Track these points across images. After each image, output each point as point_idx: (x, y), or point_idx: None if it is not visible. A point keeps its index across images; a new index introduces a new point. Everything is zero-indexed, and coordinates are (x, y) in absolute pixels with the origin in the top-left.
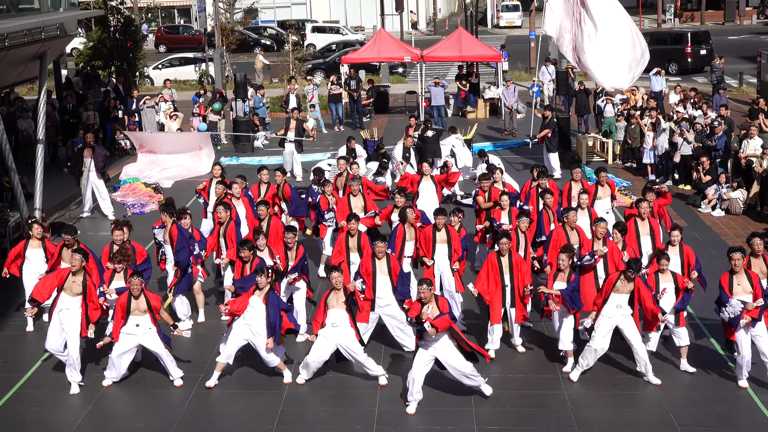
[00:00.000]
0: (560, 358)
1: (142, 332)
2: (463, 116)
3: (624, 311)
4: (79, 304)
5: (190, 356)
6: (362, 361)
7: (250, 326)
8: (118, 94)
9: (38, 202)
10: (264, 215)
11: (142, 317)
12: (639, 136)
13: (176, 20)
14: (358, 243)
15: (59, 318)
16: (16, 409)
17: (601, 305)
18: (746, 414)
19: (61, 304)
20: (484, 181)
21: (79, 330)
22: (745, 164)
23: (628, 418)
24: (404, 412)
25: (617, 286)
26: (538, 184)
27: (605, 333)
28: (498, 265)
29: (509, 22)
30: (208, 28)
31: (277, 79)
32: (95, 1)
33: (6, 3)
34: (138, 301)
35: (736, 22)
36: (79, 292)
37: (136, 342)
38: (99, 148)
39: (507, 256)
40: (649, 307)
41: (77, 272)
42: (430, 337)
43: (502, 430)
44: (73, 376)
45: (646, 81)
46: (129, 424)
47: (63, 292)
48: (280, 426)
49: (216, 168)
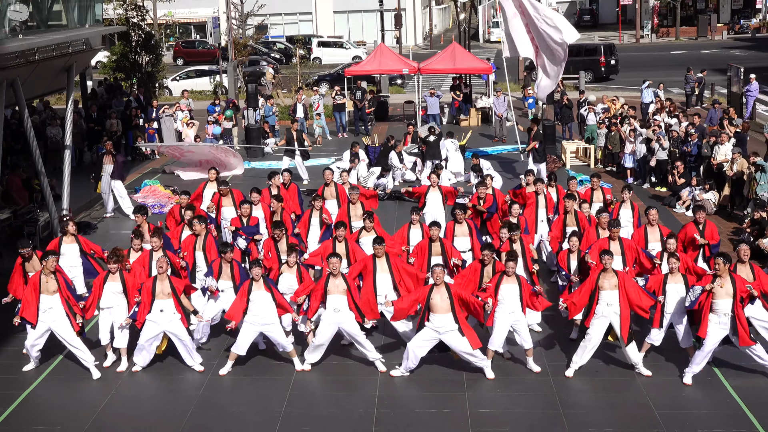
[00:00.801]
0: (546, 347)
1: (167, 320)
2: (456, 124)
3: (615, 308)
4: (59, 302)
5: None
6: (362, 342)
7: (257, 318)
8: (139, 104)
9: (65, 202)
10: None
11: (166, 301)
12: (619, 143)
13: (193, 36)
14: (346, 249)
15: (44, 318)
16: (43, 394)
17: (594, 306)
18: (717, 397)
19: (43, 305)
20: (481, 188)
21: (69, 324)
22: (716, 168)
23: (608, 401)
24: (402, 396)
25: (600, 283)
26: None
27: (599, 332)
28: (480, 275)
29: (499, 37)
30: (222, 42)
31: (285, 90)
32: (118, 18)
33: (36, 20)
34: (163, 284)
35: (708, 37)
36: (56, 289)
37: (161, 329)
38: (119, 156)
39: (491, 265)
40: (634, 302)
41: (48, 273)
42: (437, 320)
43: (492, 412)
44: (87, 362)
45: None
46: (149, 407)
47: (41, 294)
48: (289, 409)
49: (212, 172)
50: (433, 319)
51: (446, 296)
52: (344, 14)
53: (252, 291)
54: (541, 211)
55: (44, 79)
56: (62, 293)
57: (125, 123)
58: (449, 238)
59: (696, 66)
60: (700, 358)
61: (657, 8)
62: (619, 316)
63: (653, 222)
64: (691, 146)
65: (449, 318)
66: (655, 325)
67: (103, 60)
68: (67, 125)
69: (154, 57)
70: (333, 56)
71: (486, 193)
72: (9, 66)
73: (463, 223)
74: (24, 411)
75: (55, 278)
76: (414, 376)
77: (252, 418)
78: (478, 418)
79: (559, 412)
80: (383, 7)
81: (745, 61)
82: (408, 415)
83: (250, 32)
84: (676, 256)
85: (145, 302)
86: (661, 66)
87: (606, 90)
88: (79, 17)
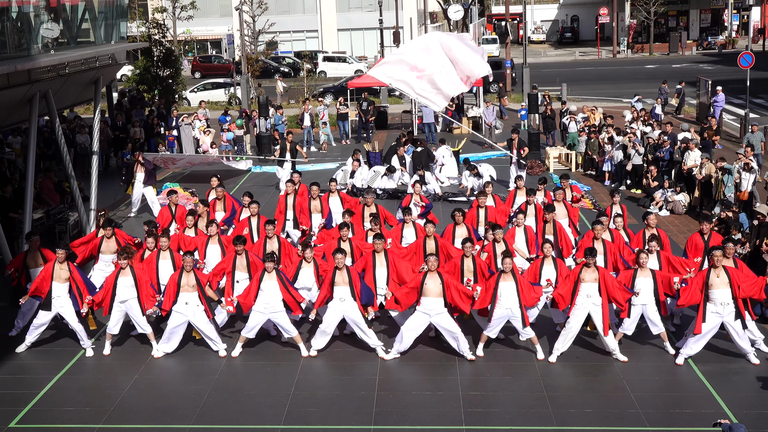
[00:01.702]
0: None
1: (191, 312)
2: (450, 131)
3: (594, 300)
4: (68, 289)
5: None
6: (364, 330)
7: (267, 306)
8: (160, 113)
9: (93, 203)
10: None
11: (191, 294)
12: (598, 149)
13: (209, 51)
14: (350, 247)
15: (55, 304)
16: (75, 377)
17: (573, 297)
18: (687, 380)
19: (55, 292)
20: (481, 197)
21: (73, 310)
22: (686, 172)
23: (587, 384)
24: (400, 380)
25: (582, 276)
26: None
27: (579, 321)
28: (461, 267)
29: (489, 53)
30: (235, 57)
31: (294, 100)
32: (141, 35)
33: (67, 37)
34: (188, 277)
35: (679, 52)
36: (67, 277)
37: (185, 320)
38: (148, 164)
39: (471, 259)
40: (612, 294)
41: (63, 261)
42: (428, 303)
43: (481, 394)
44: (84, 342)
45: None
46: (169, 390)
47: (53, 281)
48: (296, 392)
49: (213, 180)
50: (425, 302)
51: (438, 282)
52: (347, 32)
53: (263, 280)
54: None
55: (74, 90)
56: (73, 282)
57: (148, 131)
58: (449, 240)
59: (671, 79)
60: (694, 341)
61: (633, 26)
62: (600, 308)
63: (652, 225)
64: (663, 152)
65: (440, 302)
66: (624, 315)
67: (128, 73)
68: (95, 133)
69: (173, 71)
70: (337, 70)
71: (486, 204)
72: (42, 79)
73: (462, 224)
74: (56, 393)
75: (68, 267)
76: (410, 362)
77: (263, 399)
78: (469, 400)
79: (543, 394)
80: (383, 26)
81: (712, 75)
82: (405, 397)
83: (261, 48)
84: (646, 252)
85: (170, 293)
86: (636, 79)
87: (586, 101)
88: (105, 34)
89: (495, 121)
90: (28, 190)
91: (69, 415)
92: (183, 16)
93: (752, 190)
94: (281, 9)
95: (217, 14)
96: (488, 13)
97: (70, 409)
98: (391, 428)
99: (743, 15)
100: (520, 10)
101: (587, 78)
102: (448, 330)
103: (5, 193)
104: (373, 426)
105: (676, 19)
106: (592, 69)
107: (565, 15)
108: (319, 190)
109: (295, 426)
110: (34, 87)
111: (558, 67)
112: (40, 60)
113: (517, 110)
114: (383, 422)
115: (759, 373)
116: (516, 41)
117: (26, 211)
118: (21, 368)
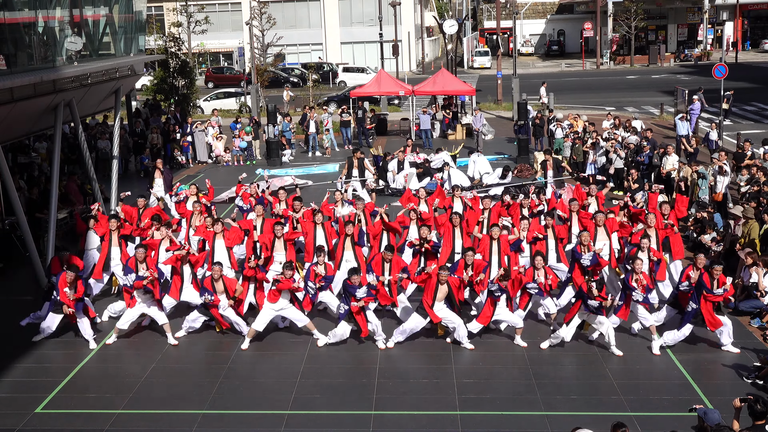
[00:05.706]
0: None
1: (222, 309)
2: (445, 138)
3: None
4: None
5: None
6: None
7: (275, 305)
8: (176, 121)
9: (113, 204)
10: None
11: (220, 297)
12: (582, 153)
13: (221, 63)
14: (354, 255)
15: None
16: (96, 366)
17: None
18: (666, 369)
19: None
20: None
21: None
22: (664, 175)
23: (572, 372)
24: (399, 369)
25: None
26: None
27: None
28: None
29: (481, 64)
30: (246, 68)
31: (299, 108)
32: (158, 48)
33: (89, 50)
34: (218, 284)
35: (658, 64)
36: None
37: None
38: (166, 171)
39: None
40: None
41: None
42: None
43: (475, 382)
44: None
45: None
46: (185, 377)
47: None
48: (303, 379)
49: (192, 188)
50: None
51: (446, 289)
52: (350, 45)
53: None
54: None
55: (95, 99)
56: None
57: (164, 137)
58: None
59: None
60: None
61: (615, 39)
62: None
63: (651, 225)
64: (643, 156)
65: (443, 304)
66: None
67: (146, 83)
68: (115, 139)
69: (188, 81)
70: (356, 80)
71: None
72: (66, 89)
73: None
74: (78, 381)
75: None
76: (408, 352)
77: (271, 386)
78: (463, 387)
79: (533, 382)
80: (383, 39)
81: (688, 85)
82: (404, 384)
83: (269, 60)
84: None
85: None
86: (618, 89)
87: (571, 109)
88: (125, 47)
89: (483, 127)
90: (53, 192)
91: (91, 401)
92: (197, 30)
93: (725, 192)
94: (288, 23)
95: (228, 28)
96: (481, 28)
97: (92, 396)
98: (391, 413)
99: (717, 29)
100: (510, 25)
101: (573, 88)
102: (448, 319)
103: (32, 194)
104: (374, 411)
105: (656, 33)
106: (577, 79)
107: (552, 29)
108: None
109: (301, 411)
110: (59, 96)
111: (545, 78)
112: (65, 71)
113: (508, 118)
114: (383, 408)
115: (732, 362)
116: (506, 54)
117: (51, 212)
118: (46, 357)
